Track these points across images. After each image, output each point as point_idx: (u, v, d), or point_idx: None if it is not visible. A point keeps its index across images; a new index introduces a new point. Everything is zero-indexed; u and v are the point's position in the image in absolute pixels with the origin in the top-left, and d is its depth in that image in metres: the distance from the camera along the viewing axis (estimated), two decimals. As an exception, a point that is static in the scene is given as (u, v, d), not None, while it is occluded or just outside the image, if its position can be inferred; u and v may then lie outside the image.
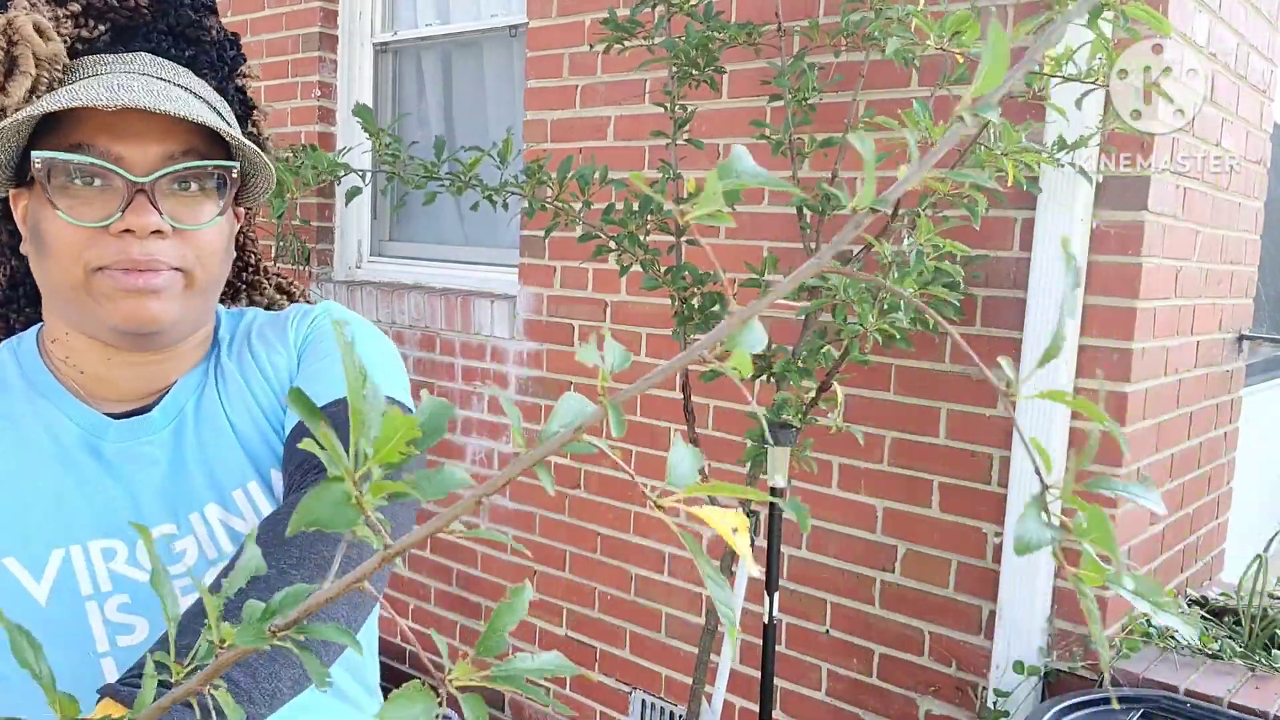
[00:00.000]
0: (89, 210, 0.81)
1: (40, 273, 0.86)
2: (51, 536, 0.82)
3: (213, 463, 0.92)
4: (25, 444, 0.85)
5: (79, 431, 0.87)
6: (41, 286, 0.88)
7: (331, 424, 0.36)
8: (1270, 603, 2.24)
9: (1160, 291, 2.04)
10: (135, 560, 0.85)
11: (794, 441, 1.86)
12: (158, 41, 0.90)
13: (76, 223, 0.81)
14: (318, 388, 0.92)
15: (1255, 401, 3.04)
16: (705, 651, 2.19)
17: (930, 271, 1.65)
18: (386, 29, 3.49)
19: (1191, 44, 2.01)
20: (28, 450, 0.85)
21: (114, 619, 0.82)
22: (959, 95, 2.01)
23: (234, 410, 0.94)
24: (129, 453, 0.89)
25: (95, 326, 0.86)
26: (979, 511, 2.13)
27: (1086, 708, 1.86)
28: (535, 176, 2.03)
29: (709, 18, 2.06)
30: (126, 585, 0.84)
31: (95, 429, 0.88)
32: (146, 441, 0.90)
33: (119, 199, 0.81)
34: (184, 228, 0.85)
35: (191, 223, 0.85)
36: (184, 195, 0.85)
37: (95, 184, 0.81)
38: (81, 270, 0.82)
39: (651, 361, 2.65)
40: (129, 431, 0.89)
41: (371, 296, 3.34)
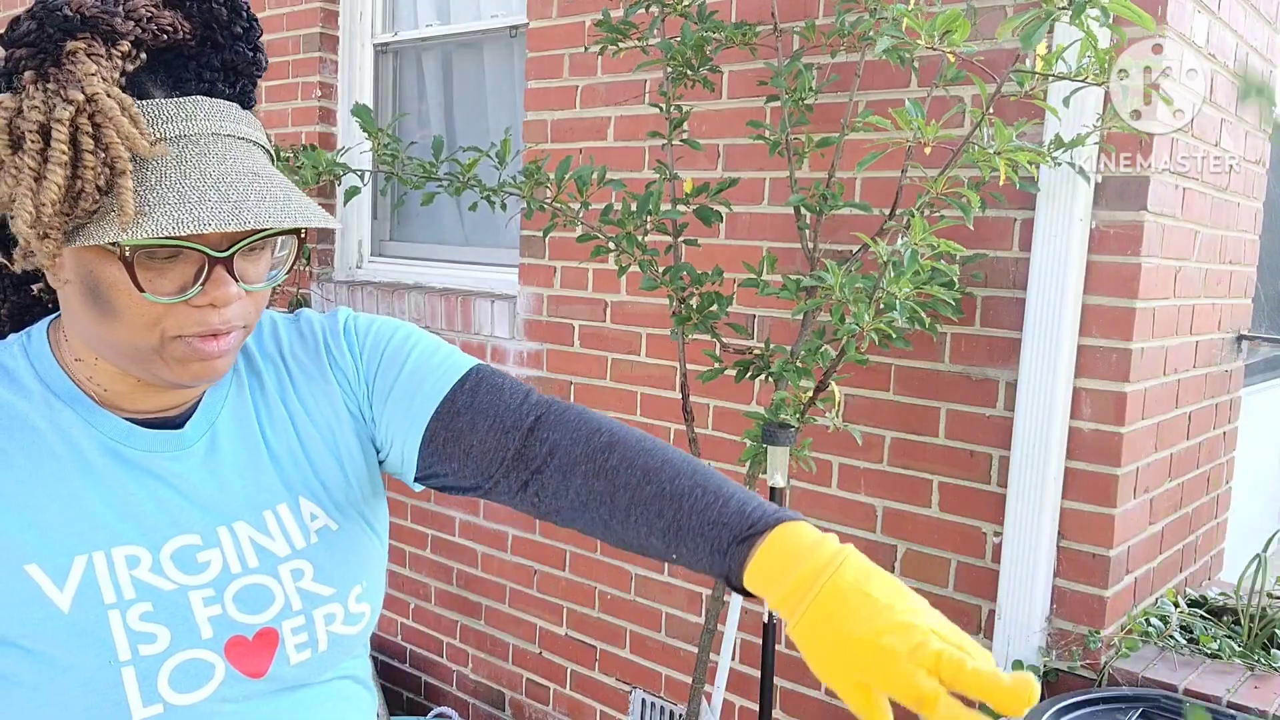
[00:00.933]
0: (167, 283, 0.79)
1: (98, 326, 0.82)
2: (74, 543, 0.81)
3: (246, 480, 0.92)
4: (45, 449, 0.83)
5: (101, 437, 0.86)
6: (87, 330, 0.84)
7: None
8: (1269, 602, 2.24)
9: (1159, 291, 2.04)
10: (159, 568, 0.84)
11: (793, 441, 1.86)
12: (211, 79, 0.84)
13: (160, 300, 0.79)
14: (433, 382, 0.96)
15: (1254, 401, 3.04)
16: (705, 650, 2.20)
17: (926, 271, 1.65)
18: (387, 29, 3.49)
19: (1191, 44, 2.01)
20: (48, 455, 0.83)
21: (136, 627, 0.82)
22: (957, 95, 2.02)
23: (273, 431, 0.95)
24: (156, 462, 0.88)
25: (151, 377, 0.85)
26: (978, 511, 2.13)
27: (1085, 707, 1.86)
28: (533, 177, 2.03)
29: (703, 18, 2.06)
30: (149, 593, 0.83)
31: (120, 435, 0.86)
32: (176, 456, 0.89)
33: (196, 268, 0.80)
34: (253, 289, 0.84)
35: (258, 282, 0.85)
36: (250, 255, 0.84)
37: (173, 256, 0.79)
38: (158, 338, 0.81)
39: (652, 362, 2.66)
40: (159, 443, 0.88)
41: (372, 296, 3.35)
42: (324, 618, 0.91)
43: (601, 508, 0.88)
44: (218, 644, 0.85)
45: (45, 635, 0.78)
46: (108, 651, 0.80)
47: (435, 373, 0.97)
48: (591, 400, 2.78)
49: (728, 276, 2.24)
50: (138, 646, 0.81)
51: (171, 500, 0.87)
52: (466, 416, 0.94)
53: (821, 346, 1.87)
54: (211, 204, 0.76)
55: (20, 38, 0.76)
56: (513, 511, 3.00)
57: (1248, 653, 2.09)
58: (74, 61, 0.76)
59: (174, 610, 0.84)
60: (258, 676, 0.87)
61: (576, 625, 2.89)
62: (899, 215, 1.83)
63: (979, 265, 2.08)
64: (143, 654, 0.81)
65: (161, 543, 0.85)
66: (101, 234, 0.75)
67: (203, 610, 0.85)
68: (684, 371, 2.20)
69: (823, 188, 1.98)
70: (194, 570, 0.86)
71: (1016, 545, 2.05)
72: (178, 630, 0.83)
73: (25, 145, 0.75)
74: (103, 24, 0.77)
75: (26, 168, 0.75)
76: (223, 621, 0.86)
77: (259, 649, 0.87)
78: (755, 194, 2.40)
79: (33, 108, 0.75)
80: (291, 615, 0.89)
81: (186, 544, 0.86)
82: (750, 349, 2.05)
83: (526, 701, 3.06)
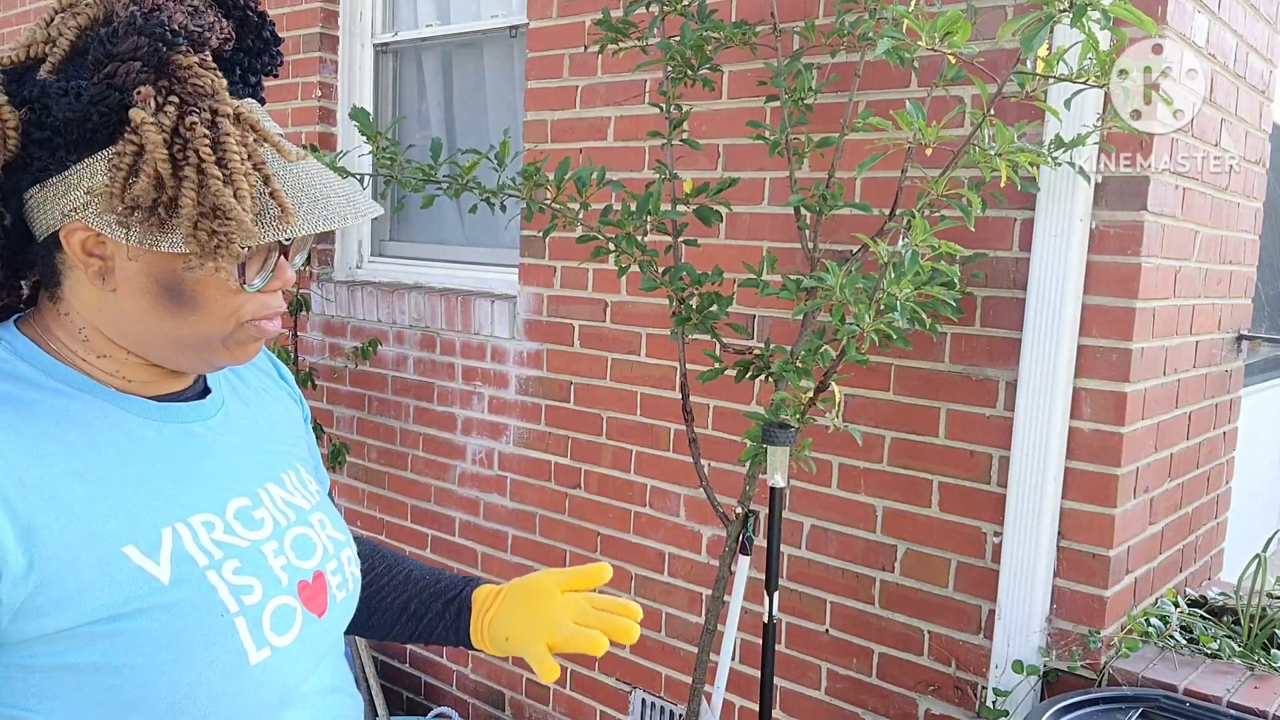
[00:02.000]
0: (250, 274, 0.87)
1: (166, 323, 0.87)
2: (155, 518, 0.86)
3: (260, 448, 1.02)
4: (94, 436, 0.86)
5: (137, 417, 0.90)
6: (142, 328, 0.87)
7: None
8: (1269, 602, 2.24)
9: (1159, 292, 2.04)
10: (230, 529, 0.91)
11: (793, 441, 1.86)
12: (254, 84, 0.91)
13: (253, 288, 0.87)
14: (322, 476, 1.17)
15: (1254, 401, 3.04)
16: (705, 651, 2.20)
17: (927, 271, 1.65)
18: (387, 30, 3.49)
19: (1190, 44, 2.01)
20: (104, 443, 0.86)
21: (234, 581, 0.88)
22: (957, 95, 2.02)
23: (261, 410, 1.07)
24: (191, 433, 0.94)
25: (199, 363, 0.92)
26: (978, 511, 2.13)
27: (1085, 707, 1.86)
28: (533, 178, 2.03)
29: (703, 18, 2.06)
30: (233, 551, 0.90)
31: (154, 412, 0.91)
32: (203, 425, 0.95)
33: (264, 258, 0.87)
34: (296, 269, 0.94)
35: (298, 264, 0.94)
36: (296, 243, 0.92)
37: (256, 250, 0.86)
38: (233, 324, 0.88)
39: (652, 362, 2.66)
40: (193, 413, 0.95)
41: (372, 296, 3.35)
42: (347, 559, 1.04)
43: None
44: (293, 589, 0.94)
45: (156, 607, 0.83)
46: (218, 606, 0.86)
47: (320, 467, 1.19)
48: (591, 400, 2.78)
49: (728, 276, 2.24)
50: (241, 598, 0.88)
51: (216, 465, 0.94)
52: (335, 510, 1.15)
53: (821, 347, 1.87)
54: (332, 202, 0.85)
55: (129, 52, 0.78)
56: (513, 511, 3.01)
57: (1248, 653, 2.09)
58: (195, 75, 0.80)
59: (256, 563, 0.91)
60: (321, 615, 0.97)
61: (577, 625, 2.89)
62: (899, 216, 1.83)
63: (979, 265, 2.08)
64: (247, 604, 0.89)
65: (224, 506, 0.92)
66: (265, 234, 0.82)
67: (274, 560, 0.93)
68: (684, 371, 2.20)
69: (823, 188, 1.98)
70: (255, 527, 0.94)
71: (1016, 545, 2.05)
72: (265, 580, 0.91)
73: (197, 159, 0.78)
74: (199, 36, 0.81)
75: (214, 179, 0.79)
76: (290, 569, 0.95)
77: (318, 591, 0.97)
78: (755, 194, 2.40)
79: (193, 123, 0.79)
80: (329, 558, 1.01)
81: (242, 505, 0.94)
82: (750, 349, 2.05)
83: (526, 701, 3.06)
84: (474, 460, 3.11)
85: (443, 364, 3.17)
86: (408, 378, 3.28)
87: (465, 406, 3.12)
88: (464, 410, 3.12)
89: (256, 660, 0.88)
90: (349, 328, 3.45)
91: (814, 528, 2.38)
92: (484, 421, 3.07)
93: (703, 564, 2.59)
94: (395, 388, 3.32)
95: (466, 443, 3.13)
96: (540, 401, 2.90)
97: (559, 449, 2.88)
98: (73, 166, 0.81)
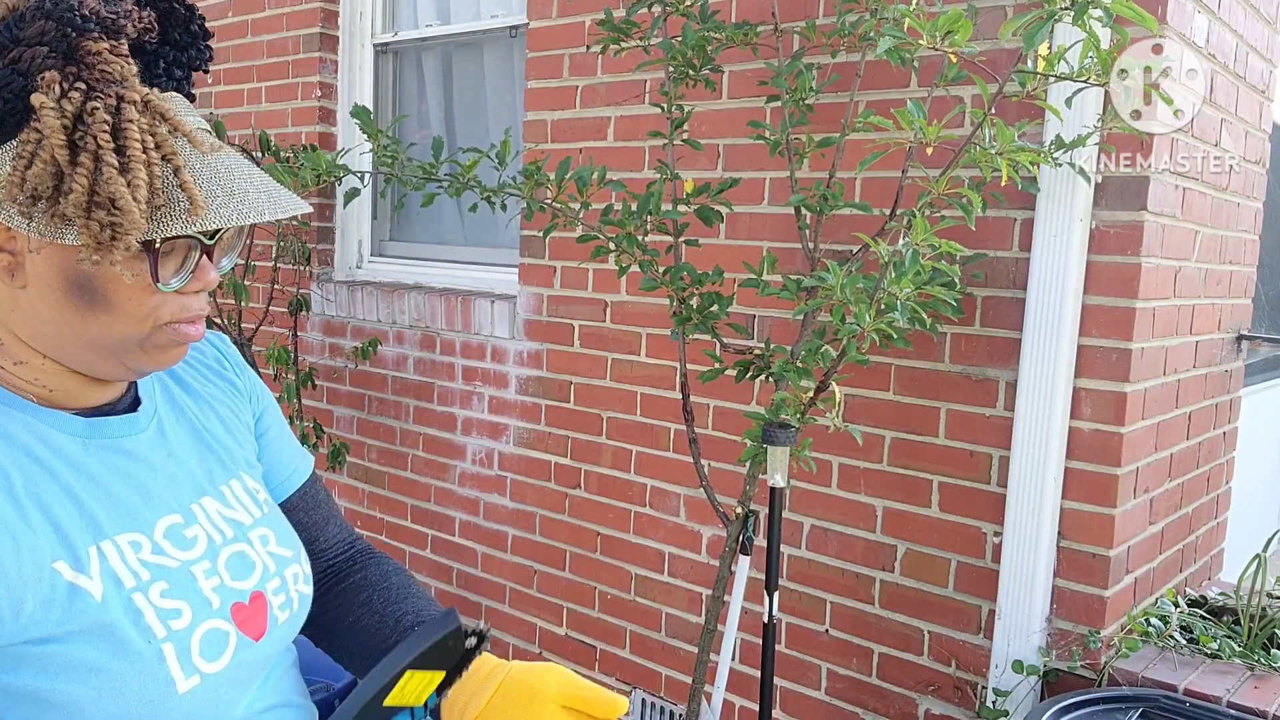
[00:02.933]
0: (167, 273, 0.82)
1: (78, 323, 0.82)
2: (83, 535, 0.83)
3: (197, 460, 0.97)
4: (17, 451, 0.83)
5: (60, 434, 0.86)
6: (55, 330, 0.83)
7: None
8: (1269, 602, 2.24)
9: (1159, 292, 2.04)
10: (159, 549, 0.87)
11: (793, 441, 1.86)
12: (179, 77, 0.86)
13: (168, 289, 0.82)
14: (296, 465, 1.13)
15: (1254, 401, 3.04)
16: (705, 651, 2.20)
17: (927, 271, 1.65)
18: (387, 30, 3.49)
19: (1190, 44, 2.01)
20: (24, 456, 0.83)
21: (161, 605, 0.85)
22: (957, 95, 2.02)
23: (200, 415, 1.01)
24: (120, 449, 0.90)
25: (119, 369, 0.87)
26: (979, 511, 2.13)
27: (1085, 707, 1.86)
28: (533, 178, 2.03)
29: (705, 18, 2.06)
30: (161, 572, 0.86)
31: (77, 429, 0.87)
32: (138, 439, 0.92)
33: (183, 257, 0.83)
34: (223, 273, 0.88)
35: (225, 266, 0.89)
36: (224, 243, 0.87)
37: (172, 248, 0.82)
38: (150, 327, 0.84)
39: (652, 362, 2.66)
40: (123, 427, 0.91)
41: (372, 296, 3.35)
42: (292, 577, 0.99)
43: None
44: (225, 612, 0.89)
45: (87, 630, 0.80)
46: (145, 631, 0.83)
47: (298, 452, 1.14)
48: (591, 400, 2.78)
49: (728, 276, 2.24)
50: (169, 622, 0.84)
51: (147, 482, 0.90)
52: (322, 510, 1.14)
53: (822, 346, 1.87)
54: (250, 197, 0.80)
55: (35, 37, 0.75)
56: (513, 511, 3.01)
57: (1248, 653, 2.09)
58: (104, 61, 0.76)
59: (185, 585, 0.87)
60: (259, 639, 0.92)
61: (576, 625, 2.89)
62: (899, 215, 1.83)
63: (979, 265, 2.08)
64: (174, 629, 0.84)
65: (152, 524, 0.88)
66: (169, 228, 0.77)
67: (205, 582, 0.89)
68: (684, 371, 2.20)
69: (823, 188, 1.98)
70: (186, 546, 0.90)
71: (1016, 545, 2.05)
72: (194, 603, 0.87)
73: (94, 145, 0.75)
74: (112, 23, 0.77)
75: (108, 166, 0.74)
76: (224, 590, 0.90)
77: (255, 613, 0.92)
78: (755, 194, 2.40)
79: (94, 109, 0.75)
80: (270, 577, 0.96)
81: (173, 523, 0.90)
82: (750, 349, 2.05)
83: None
84: (474, 460, 3.11)
85: (443, 364, 3.17)
86: (408, 378, 3.28)
87: (465, 406, 3.12)
88: (464, 410, 3.12)
89: (185, 689, 0.83)
90: (349, 328, 3.45)
91: (814, 528, 2.38)
92: (484, 421, 3.07)
93: (703, 564, 2.59)
94: (395, 388, 3.32)
95: (466, 443, 3.13)
96: (540, 401, 2.90)
97: (559, 449, 2.88)
98: None
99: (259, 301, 3.57)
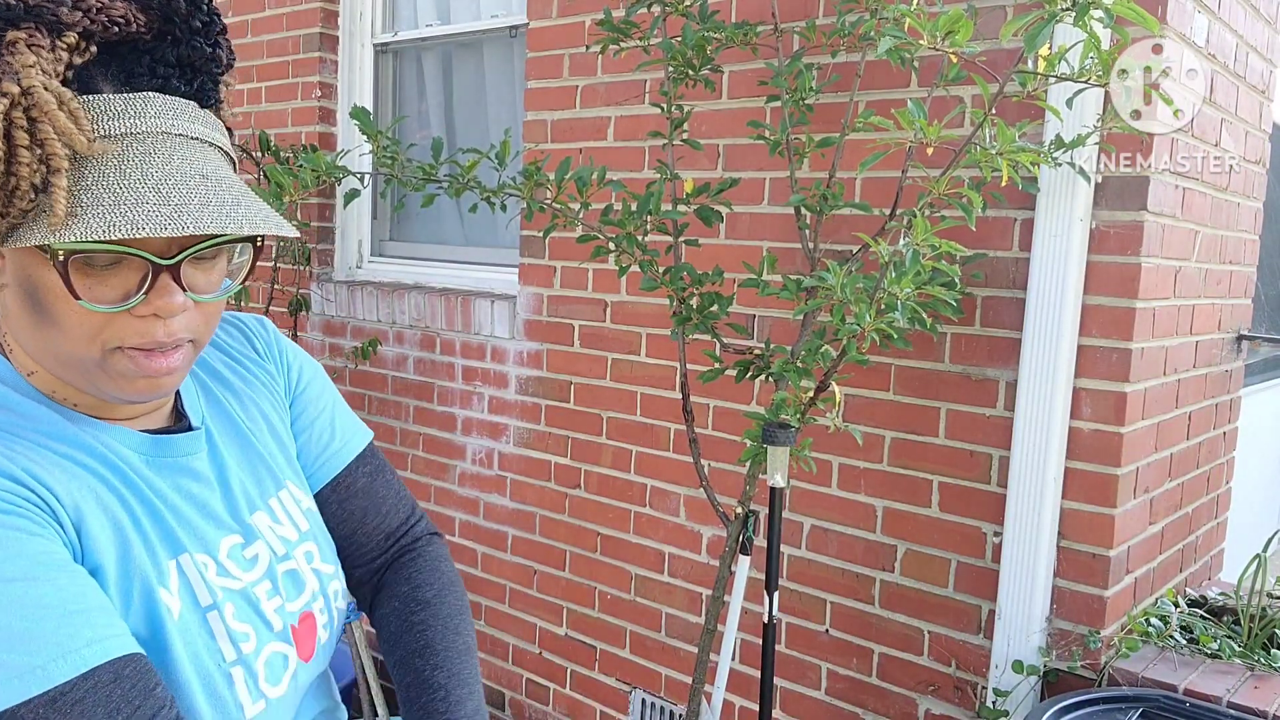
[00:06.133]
0: (108, 291, 0.75)
1: (38, 334, 0.78)
2: (164, 549, 0.81)
3: (248, 474, 0.94)
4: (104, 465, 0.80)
5: (127, 449, 0.83)
6: (29, 338, 0.79)
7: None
8: (1269, 602, 2.24)
9: (1159, 292, 2.04)
10: (224, 570, 0.85)
11: (793, 441, 1.86)
12: (165, 75, 0.78)
13: (98, 309, 0.74)
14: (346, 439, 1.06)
15: (1254, 401, 3.04)
16: (705, 651, 2.20)
17: (927, 271, 1.65)
18: (387, 29, 3.49)
19: (1190, 44, 2.01)
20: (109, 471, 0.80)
21: (234, 627, 0.82)
22: (957, 95, 2.02)
23: (249, 423, 0.97)
24: (184, 468, 0.87)
25: (95, 391, 0.81)
26: (979, 511, 2.13)
27: (1085, 707, 1.86)
28: (533, 178, 2.03)
29: (705, 18, 2.06)
30: (229, 595, 0.84)
31: (144, 447, 0.84)
32: (194, 458, 0.88)
33: (140, 275, 0.75)
34: (204, 300, 0.80)
35: (209, 293, 0.81)
36: (201, 263, 0.79)
37: (114, 262, 0.75)
38: (99, 349, 0.77)
39: (652, 362, 2.66)
40: (181, 448, 0.87)
41: (372, 296, 3.35)
42: (333, 594, 0.96)
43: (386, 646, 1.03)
44: (286, 634, 0.87)
45: (166, 648, 0.77)
46: (217, 655, 0.80)
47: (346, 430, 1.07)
48: (591, 400, 2.78)
49: (728, 276, 2.24)
50: (240, 645, 0.82)
51: (209, 501, 0.88)
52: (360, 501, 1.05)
53: (822, 346, 1.87)
54: (150, 206, 0.71)
55: None
56: (513, 511, 3.00)
57: (1248, 653, 2.09)
58: (13, 53, 0.70)
59: (251, 607, 0.85)
60: (309, 659, 0.90)
61: (576, 625, 2.89)
62: (900, 215, 1.83)
63: (979, 265, 2.08)
64: (244, 652, 0.82)
65: (217, 545, 0.86)
66: (32, 235, 0.70)
67: (268, 604, 0.87)
68: (684, 371, 2.20)
69: (823, 188, 1.98)
70: (248, 567, 0.87)
71: (1016, 545, 2.05)
72: (258, 626, 0.85)
73: None
74: (48, 13, 0.72)
75: None
76: (282, 612, 0.88)
77: (307, 633, 0.90)
78: (755, 194, 2.40)
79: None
80: (316, 596, 0.93)
81: (235, 543, 0.88)
82: (750, 349, 2.05)
83: (526, 701, 3.05)
84: (474, 460, 3.11)
85: (443, 364, 3.17)
86: (408, 378, 3.28)
87: (465, 406, 3.12)
88: (464, 410, 3.12)
89: (251, 715, 0.81)
90: (349, 328, 3.45)
91: (814, 528, 2.38)
92: (484, 421, 3.07)
93: (703, 564, 2.59)
94: (395, 388, 3.32)
95: (466, 443, 3.13)
96: (540, 401, 2.90)
97: (559, 449, 2.88)
98: None
99: (259, 301, 3.57)
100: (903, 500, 2.23)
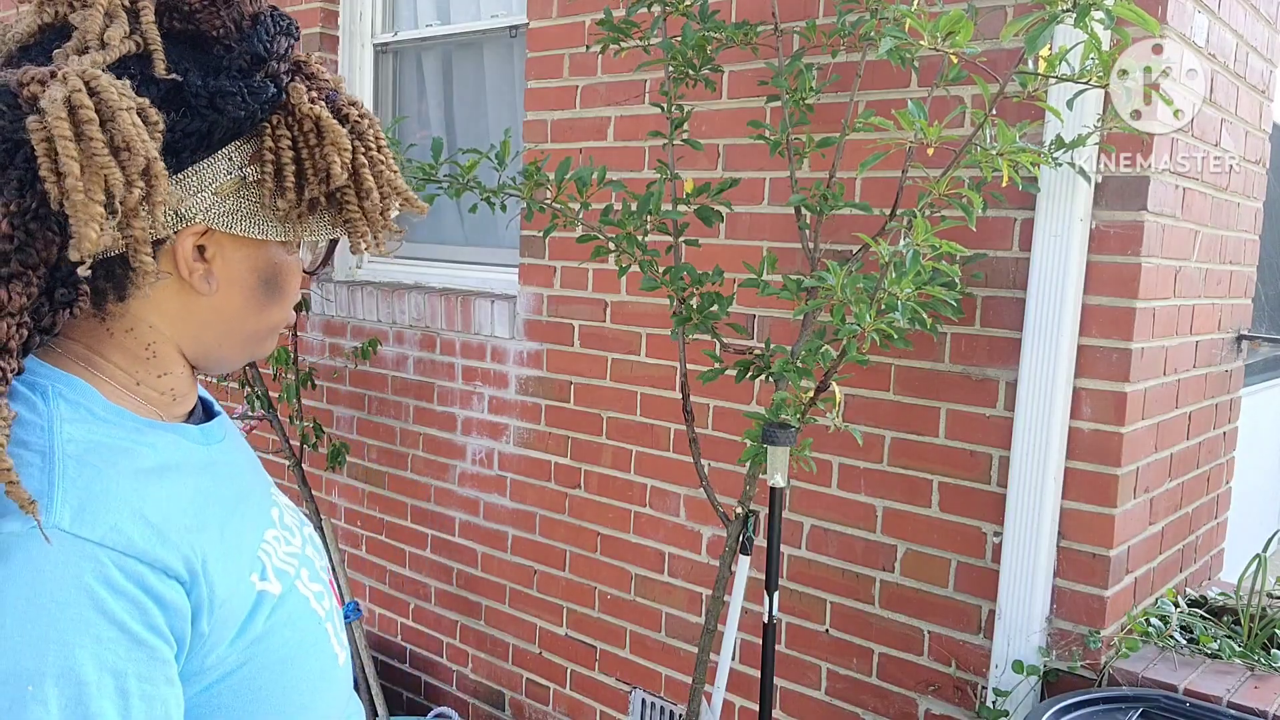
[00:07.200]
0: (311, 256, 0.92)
1: (255, 315, 0.86)
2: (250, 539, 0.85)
3: (253, 460, 1.00)
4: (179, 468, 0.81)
5: (191, 444, 0.85)
6: (230, 325, 0.85)
7: None
8: (1269, 602, 2.24)
9: (1159, 292, 2.04)
10: (284, 539, 0.91)
11: (793, 441, 1.86)
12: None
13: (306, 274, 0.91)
14: None
15: (1254, 401, 3.04)
16: (705, 651, 2.20)
17: (927, 271, 1.65)
18: (387, 29, 3.49)
19: (1190, 44, 2.01)
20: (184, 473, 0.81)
21: (312, 589, 0.90)
22: (958, 95, 2.02)
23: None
24: (225, 451, 0.90)
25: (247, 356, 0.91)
26: (978, 511, 2.13)
27: (1085, 707, 1.87)
28: (533, 178, 2.03)
29: (705, 18, 2.06)
30: (299, 560, 0.90)
31: (200, 439, 0.87)
32: (225, 442, 0.91)
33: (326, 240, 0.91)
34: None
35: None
36: None
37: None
38: (290, 311, 0.91)
39: (652, 362, 2.66)
40: (216, 433, 0.90)
41: (372, 296, 3.35)
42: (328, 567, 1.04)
43: None
44: (330, 593, 0.95)
45: (277, 625, 0.83)
46: (313, 616, 0.88)
47: None
48: (591, 400, 2.78)
49: (728, 276, 2.24)
50: (321, 604, 0.90)
51: (249, 477, 0.93)
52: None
53: (822, 347, 1.87)
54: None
55: (282, 52, 0.81)
56: (513, 511, 3.00)
57: (1248, 653, 2.10)
58: (317, 73, 0.85)
59: (313, 571, 0.92)
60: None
61: (576, 625, 2.90)
62: (900, 215, 1.83)
63: (979, 265, 2.08)
64: (326, 610, 0.90)
65: (269, 517, 0.91)
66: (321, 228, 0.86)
67: (318, 564, 0.95)
68: (684, 371, 2.20)
69: (823, 188, 1.98)
70: (294, 534, 0.94)
71: (1016, 545, 2.05)
72: (324, 587, 0.93)
73: (364, 145, 0.84)
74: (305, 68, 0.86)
75: (380, 162, 0.84)
76: (325, 572, 0.96)
77: (332, 589, 0.98)
78: (755, 194, 2.40)
79: (347, 115, 0.83)
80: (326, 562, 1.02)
81: (276, 513, 0.94)
82: (750, 349, 2.05)
83: (526, 701, 3.06)
84: (474, 460, 3.11)
85: (443, 364, 3.17)
86: (408, 378, 3.28)
87: (465, 406, 3.12)
88: (464, 410, 3.12)
89: (342, 661, 0.90)
90: (349, 328, 3.45)
91: (814, 528, 2.38)
92: (484, 421, 3.07)
93: (703, 564, 2.59)
94: (395, 388, 3.32)
95: (466, 443, 3.13)
96: (540, 401, 2.90)
97: (559, 449, 2.88)
98: (189, 169, 0.76)
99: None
100: (903, 500, 2.23)
